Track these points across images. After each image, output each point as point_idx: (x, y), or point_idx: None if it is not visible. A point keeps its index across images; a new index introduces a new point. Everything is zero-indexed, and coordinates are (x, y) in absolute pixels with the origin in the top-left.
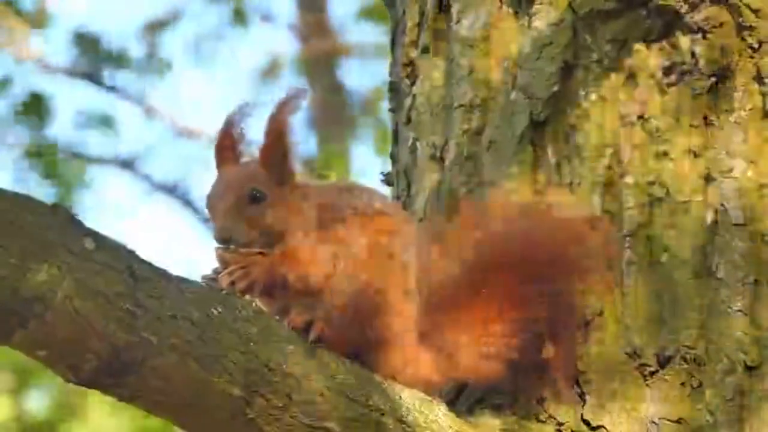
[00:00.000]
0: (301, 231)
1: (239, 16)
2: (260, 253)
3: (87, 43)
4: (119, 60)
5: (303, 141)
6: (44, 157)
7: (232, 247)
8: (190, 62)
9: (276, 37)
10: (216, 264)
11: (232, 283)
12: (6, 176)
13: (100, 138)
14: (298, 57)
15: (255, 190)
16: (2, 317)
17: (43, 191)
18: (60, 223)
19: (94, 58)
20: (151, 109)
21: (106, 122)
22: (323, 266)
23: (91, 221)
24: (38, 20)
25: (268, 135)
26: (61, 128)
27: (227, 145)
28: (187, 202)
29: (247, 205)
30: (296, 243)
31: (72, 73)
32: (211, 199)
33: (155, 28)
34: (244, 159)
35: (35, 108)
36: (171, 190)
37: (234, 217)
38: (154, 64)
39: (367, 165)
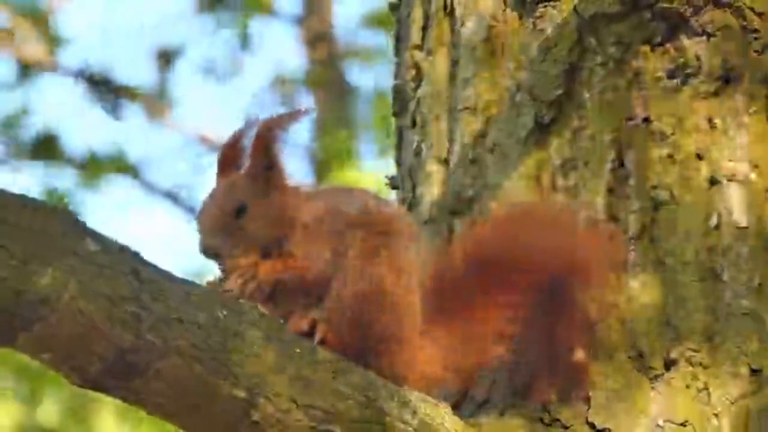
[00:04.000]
0: (298, 236)
1: (245, 40)
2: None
3: (97, 79)
4: (129, 94)
5: (309, 147)
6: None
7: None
8: (201, 76)
9: (284, 43)
10: (218, 272)
11: (242, 285)
12: None
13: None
14: (305, 66)
15: (237, 202)
16: (6, 320)
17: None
18: (63, 226)
19: (104, 92)
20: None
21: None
22: (325, 268)
23: (95, 226)
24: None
25: (254, 146)
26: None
27: (230, 158)
28: (190, 210)
29: (229, 218)
30: (296, 247)
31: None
32: (198, 214)
33: (166, 57)
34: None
35: (47, 149)
36: (175, 197)
37: (217, 231)
38: (166, 93)
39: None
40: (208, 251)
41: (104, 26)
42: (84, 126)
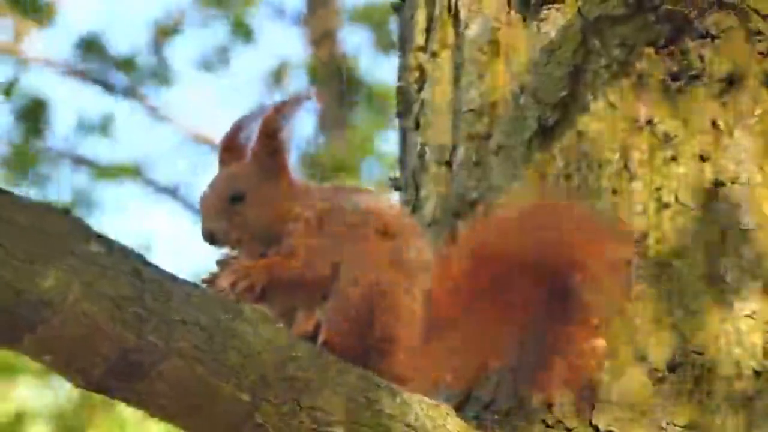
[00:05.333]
0: (298, 231)
1: (242, 28)
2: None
3: (93, 48)
4: (125, 66)
5: (311, 145)
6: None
7: (224, 252)
8: (198, 68)
9: (286, 41)
10: (214, 269)
11: (233, 284)
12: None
13: (104, 143)
14: (307, 61)
15: (235, 188)
16: (10, 322)
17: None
18: (66, 227)
19: (100, 63)
20: (157, 113)
21: (105, 128)
22: (323, 267)
23: (97, 225)
24: (44, 17)
25: (260, 133)
26: (64, 132)
27: (232, 147)
28: (191, 206)
29: (228, 204)
30: (294, 243)
31: (77, 73)
32: (200, 200)
33: (164, 34)
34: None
35: (36, 113)
36: (175, 193)
37: (216, 217)
38: (162, 72)
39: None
40: (205, 236)
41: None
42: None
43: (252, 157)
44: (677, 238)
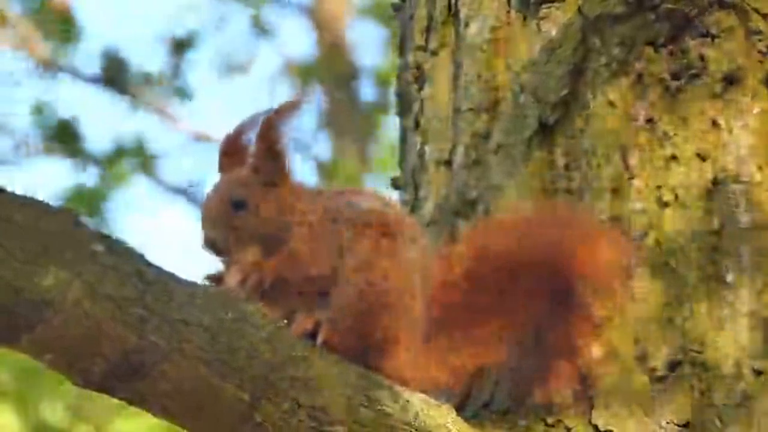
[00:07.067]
0: (302, 234)
1: (258, 27)
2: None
3: (112, 64)
4: (144, 81)
5: (316, 145)
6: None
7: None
8: (212, 75)
9: (294, 42)
10: (218, 266)
11: (243, 280)
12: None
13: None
14: (313, 60)
15: (237, 196)
16: (9, 320)
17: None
18: (68, 227)
19: (119, 77)
20: (169, 116)
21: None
22: (325, 267)
23: (108, 224)
24: (67, 35)
25: (259, 138)
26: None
27: (232, 152)
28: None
29: (229, 211)
30: (298, 244)
31: (94, 80)
32: (201, 208)
33: (179, 48)
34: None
35: (66, 137)
36: (186, 192)
37: (217, 225)
38: (178, 86)
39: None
40: (207, 245)
41: (118, 17)
42: (99, 122)
43: (253, 162)
44: (677, 237)
